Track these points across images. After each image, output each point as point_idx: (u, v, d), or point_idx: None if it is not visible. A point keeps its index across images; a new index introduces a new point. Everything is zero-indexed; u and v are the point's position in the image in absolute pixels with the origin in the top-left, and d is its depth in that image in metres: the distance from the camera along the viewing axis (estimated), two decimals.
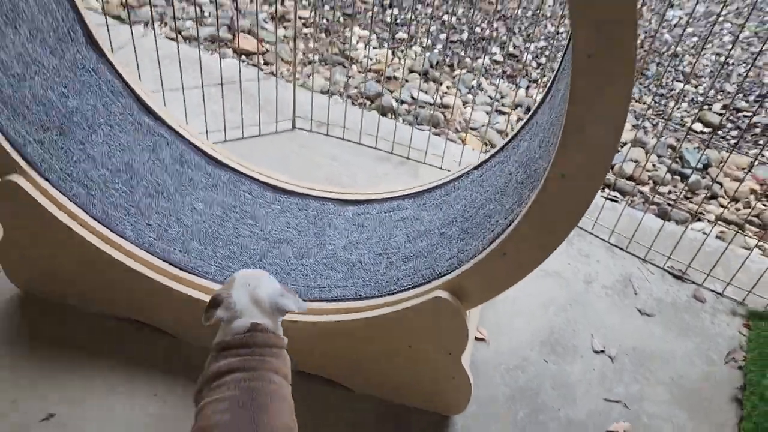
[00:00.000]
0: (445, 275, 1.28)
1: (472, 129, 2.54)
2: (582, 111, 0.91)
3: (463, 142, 2.36)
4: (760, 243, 2.19)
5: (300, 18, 3.06)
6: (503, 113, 2.68)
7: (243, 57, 2.72)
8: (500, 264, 1.17)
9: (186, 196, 1.61)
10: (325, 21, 2.94)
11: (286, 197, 1.71)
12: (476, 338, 1.63)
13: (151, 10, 1.93)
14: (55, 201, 1.38)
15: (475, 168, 1.57)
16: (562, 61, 1.30)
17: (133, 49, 1.93)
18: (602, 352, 1.69)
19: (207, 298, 1.35)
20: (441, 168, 2.18)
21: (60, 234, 1.39)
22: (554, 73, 1.34)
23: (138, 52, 1.99)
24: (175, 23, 2.12)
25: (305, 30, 2.98)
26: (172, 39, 2.66)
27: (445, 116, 2.59)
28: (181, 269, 1.46)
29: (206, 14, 2.96)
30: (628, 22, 0.83)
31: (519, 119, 2.66)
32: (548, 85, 1.37)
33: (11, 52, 1.36)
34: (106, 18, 2.02)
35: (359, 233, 1.60)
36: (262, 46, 2.80)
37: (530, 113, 1.43)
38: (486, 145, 2.44)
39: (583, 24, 0.84)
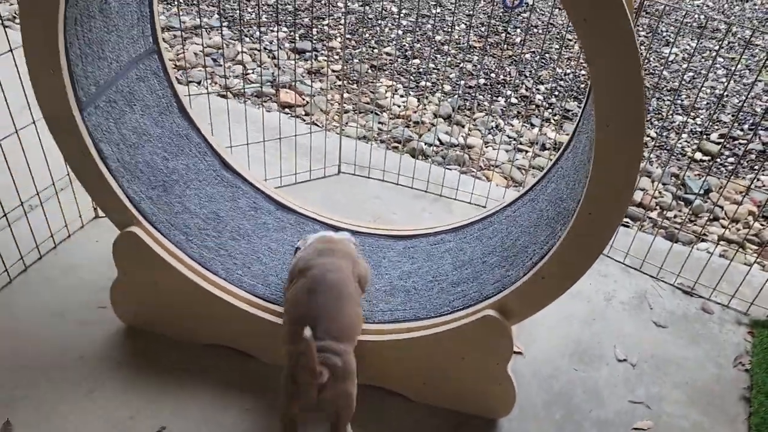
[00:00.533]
0: (492, 297, 1.55)
1: (495, 167, 2.83)
2: (602, 167, 1.20)
3: (488, 179, 2.64)
4: (759, 259, 2.44)
5: (333, 71, 3.39)
6: (522, 151, 2.97)
7: (286, 109, 3.04)
8: (540, 286, 1.44)
9: (262, 237, 1.90)
10: (355, 73, 3.26)
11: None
12: (514, 352, 1.88)
13: (205, 69, 2.25)
14: (164, 247, 1.67)
15: (509, 205, 1.85)
16: (581, 116, 1.59)
17: (190, 105, 2.24)
18: (624, 360, 1.94)
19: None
20: (471, 203, 2.46)
21: (167, 274, 1.67)
22: (575, 125, 1.63)
23: (196, 108, 2.31)
24: (225, 80, 2.44)
25: (338, 82, 3.30)
26: (222, 96, 2.99)
27: (469, 156, 2.89)
28: (264, 300, 1.73)
29: (250, 71, 3.29)
30: (637, 101, 1.11)
31: (536, 156, 2.95)
32: (570, 134, 1.66)
33: (129, 126, 1.66)
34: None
35: (411, 264, 1.87)
36: (302, 99, 3.11)
37: (555, 159, 1.72)
38: (509, 181, 2.73)
39: (602, 105, 1.13)
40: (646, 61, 3.84)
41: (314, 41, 3.70)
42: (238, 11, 3.90)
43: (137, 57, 1.71)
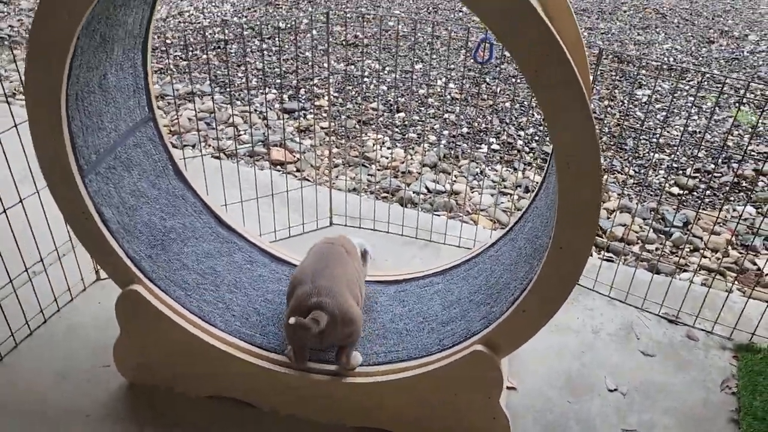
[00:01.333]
0: (478, 333, 1.63)
1: (482, 210, 2.94)
2: (567, 204, 1.30)
3: (474, 222, 2.75)
4: (739, 285, 2.52)
5: (321, 128, 3.54)
6: (506, 194, 3.09)
7: (278, 167, 3.16)
8: (522, 319, 1.52)
9: (258, 289, 1.98)
10: (343, 129, 3.41)
11: None
12: (507, 387, 1.94)
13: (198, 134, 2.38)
14: (165, 302, 1.75)
15: (491, 246, 1.95)
16: (550, 158, 1.71)
17: (185, 167, 2.36)
18: (615, 390, 1.99)
19: (286, 370, 1.71)
20: (459, 246, 2.55)
21: (167, 328, 1.74)
22: (547, 164, 1.75)
23: (192, 170, 2.42)
24: (218, 143, 2.57)
25: (327, 138, 3.45)
26: (216, 157, 3.12)
27: (456, 201, 3.00)
28: (263, 349, 1.80)
29: (241, 132, 3.44)
30: (592, 147, 1.23)
31: (520, 198, 3.06)
32: (543, 174, 1.78)
33: (127, 190, 1.77)
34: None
35: (402, 307, 1.95)
36: (293, 156, 3.25)
37: (531, 199, 1.83)
38: (495, 223, 2.83)
39: (561, 147, 1.25)
40: (621, 103, 4.02)
41: (302, 101, 3.87)
42: (227, 77, 4.09)
43: (134, 126, 1.83)
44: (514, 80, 4.17)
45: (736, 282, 2.55)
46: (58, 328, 2.10)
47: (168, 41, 4.56)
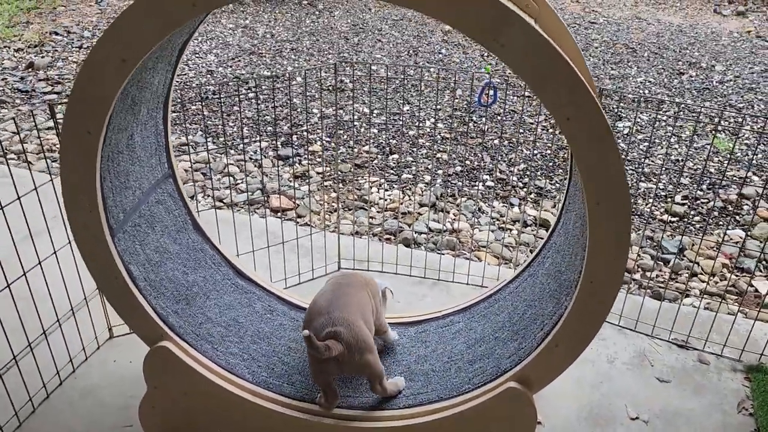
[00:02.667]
0: (509, 370, 1.66)
1: (483, 247, 3.00)
2: (597, 240, 1.36)
3: (479, 259, 2.80)
4: (741, 308, 2.61)
5: (318, 173, 3.59)
6: (506, 229, 3.16)
7: (278, 214, 3.19)
8: (555, 354, 1.56)
9: (281, 338, 1.98)
10: (339, 173, 3.47)
11: None
12: None
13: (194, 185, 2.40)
14: (195, 358, 1.74)
15: (510, 282, 1.99)
16: (566, 196, 1.78)
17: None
18: (637, 418, 2.03)
19: (317, 419, 1.71)
20: (468, 284, 2.59)
21: (197, 383, 1.74)
22: (561, 205, 1.82)
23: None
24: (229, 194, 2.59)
25: (325, 183, 3.49)
26: (219, 208, 3.13)
27: (459, 239, 3.05)
28: (292, 398, 1.80)
29: (238, 181, 3.47)
30: (620, 183, 1.29)
31: (520, 233, 3.13)
32: (559, 212, 1.84)
33: (152, 247, 1.78)
34: None
35: (425, 348, 1.98)
36: (293, 203, 3.28)
37: (547, 236, 1.89)
38: (500, 258, 2.89)
39: (591, 187, 1.31)
40: None
41: (296, 147, 3.92)
42: (220, 127, 4.13)
43: (155, 183, 1.86)
44: (499, 118, 4.29)
45: (739, 305, 2.63)
46: (74, 390, 2.06)
47: None
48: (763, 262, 3.00)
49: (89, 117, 1.40)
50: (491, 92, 2.12)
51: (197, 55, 5.57)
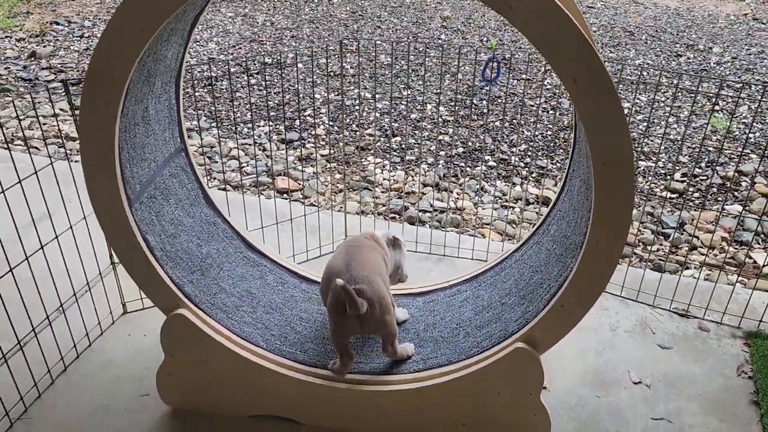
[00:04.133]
0: (516, 332, 1.71)
1: (487, 224, 3.05)
2: (603, 199, 1.41)
3: (483, 236, 2.85)
4: (740, 278, 2.66)
5: (322, 156, 3.63)
6: (508, 207, 3.21)
7: (284, 195, 3.24)
8: (561, 314, 1.61)
9: (293, 309, 2.04)
10: (344, 155, 3.51)
11: None
12: None
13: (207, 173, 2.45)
14: (210, 326, 1.80)
15: (516, 251, 2.04)
16: (570, 164, 1.82)
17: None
18: (639, 382, 2.09)
19: (329, 383, 1.77)
20: (473, 259, 2.64)
21: (213, 350, 1.79)
22: (566, 170, 1.86)
23: None
24: (243, 176, 2.63)
25: (329, 165, 3.54)
26: (222, 189, 3.18)
27: (463, 217, 3.10)
28: (305, 365, 1.85)
29: (244, 164, 3.51)
30: (625, 142, 1.34)
31: (523, 210, 3.18)
32: (563, 179, 1.89)
33: (167, 218, 1.83)
34: None
35: (433, 316, 2.03)
36: (298, 184, 3.33)
37: (552, 203, 1.93)
38: (503, 235, 2.94)
39: (597, 146, 1.36)
40: None
41: (300, 131, 3.97)
42: (229, 112, 4.17)
43: (169, 156, 1.90)
44: (500, 100, 4.34)
45: (738, 275, 2.69)
46: (91, 363, 2.12)
47: None
48: (761, 235, 3.05)
49: (108, 87, 1.45)
50: (495, 66, 2.16)
51: (198, 43, 5.59)
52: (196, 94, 4.42)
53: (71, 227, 2.05)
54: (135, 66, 1.44)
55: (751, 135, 3.48)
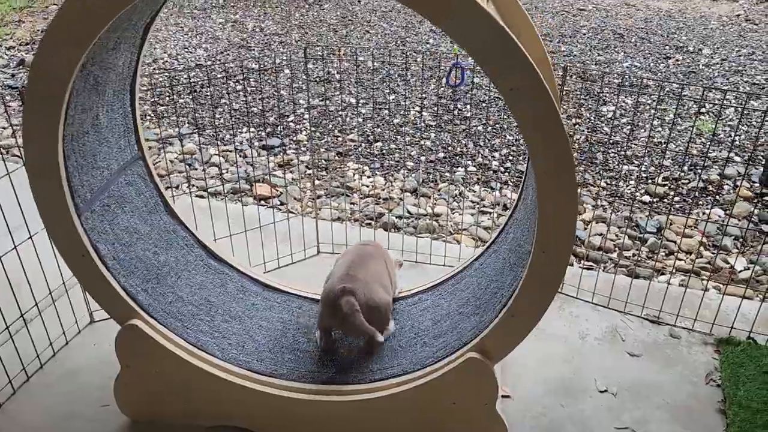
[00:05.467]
0: (470, 342, 1.69)
1: (463, 230, 3.03)
2: (547, 209, 1.39)
3: (457, 242, 2.83)
4: (714, 283, 2.63)
5: (302, 162, 3.62)
6: (485, 213, 3.19)
7: (262, 201, 3.23)
8: (512, 323, 1.59)
9: (252, 317, 2.02)
10: (323, 161, 3.50)
11: None
12: (502, 396, 2.00)
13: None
14: (164, 335, 1.78)
15: (476, 259, 2.02)
16: (526, 172, 1.81)
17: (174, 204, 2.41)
18: (605, 390, 2.06)
19: (284, 393, 1.75)
20: (444, 265, 2.62)
21: (167, 360, 1.77)
22: (523, 178, 1.84)
23: (180, 209, 2.47)
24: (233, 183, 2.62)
25: (308, 171, 3.53)
26: (200, 196, 3.17)
27: (438, 223, 3.09)
28: (260, 374, 1.83)
29: (224, 171, 3.50)
30: (565, 153, 1.33)
31: (500, 216, 3.16)
32: (520, 188, 1.87)
33: (122, 227, 1.82)
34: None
35: (394, 325, 2.01)
36: (276, 191, 3.32)
37: (511, 211, 1.92)
38: (477, 241, 2.92)
39: (537, 159, 1.34)
40: (588, 120, 4.18)
41: (281, 137, 3.96)
42: (210, 119, 4.17)
43: (125, 164, 1.89)
44: (484, 104, 4.32)
45: (711, 280, 2.66)
46: (54, 372, 2.11)
47: (144, 87, 4.64)
48: (740, 239, 3.02)
49: (48, 96, 1.44)
50: (459, 73, 2.15)
51: (186, 50, 5.60)
52: (181, 100, 4.43)
53: (30, 237, 2.04)
54: (75, 75, 1.43)
55: (735, 138, 3.45)
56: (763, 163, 3.33)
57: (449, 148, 3.79)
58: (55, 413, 1.94)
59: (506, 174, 3.57)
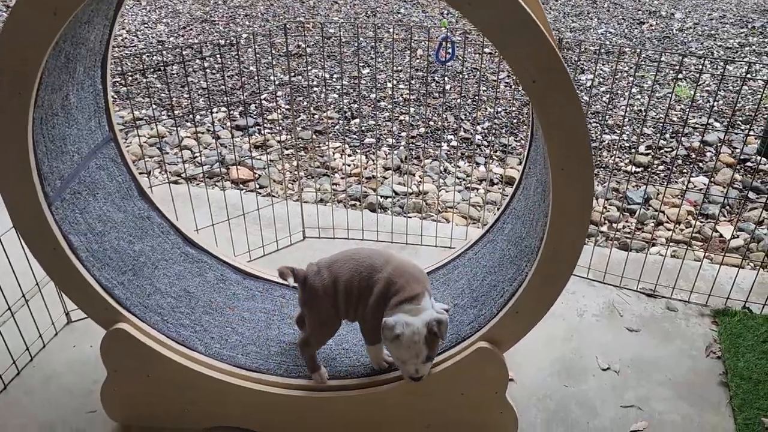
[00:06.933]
0: (469, 337, 1.63)
1: (451, 208, 2.96)
2: (561, 206, 1.34)
3: (447, 220, 2.76)
4: (707, 254, 2.63)
5: (279, 142, 3.49)
6: (473, 189, 3.12)
7: (241, 185, 3.10)
8: (515, 319, 1.54)
9: (234, 308, 1.91)
10: (301, 140, 3.37)
11: None
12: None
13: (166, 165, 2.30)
14: (154, 338, 1.67)
15: (469, 248, 1.95)
16: (526, 162, 1.73)
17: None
18: (608, 368, 2.04)
19: (275, 390, 1.67)
20: (436, 246, 2.56)
21: (159, 365, 1.67)
22: (521, 172, 1.77)
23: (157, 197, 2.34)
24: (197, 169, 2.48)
25: (286, 152, 3.40)
26: (173, 182, 3.02)
27: (425, 202, 3.01)
28: (246, 370, 1.73)
29: (196, 154, 3.35)
30: (585, 149, 1.26)
31: (487, 191, 3.10)
32: (518, 179, 1.80)
33: (94, 215, 1.68)
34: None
35: None
36: (254, 173, 3.18)
37: (507, 202, 1.85)
38: (467, 219, 2.85)
39: (555, 153, 1.27)
40: None
41: (254, 116, 3.80)
42: (178, 99, 3.98)
43: (96, 147, 1.74)
44: (461, 76, 4.22)
45: (704, 251, 2.65)
46: (34, 378, 1.98)
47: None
48: (727, 207, 3.02)
49: (18, 77, 1.29)
50: (449, 47, 2.05)
51: (146, 26, 5.33)
52: (145, 80, 4.21)
53: None
54: (48, 53, 1.28)
55: (714, 103, 3.44)
56: (761, 135, 3.33)
57: (429, 122, 3.69)
58: (38, 422, 1.83)
59: (490, 148, 3.50)
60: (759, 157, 3.33)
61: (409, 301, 1.51)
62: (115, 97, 4.05)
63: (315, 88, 4.12)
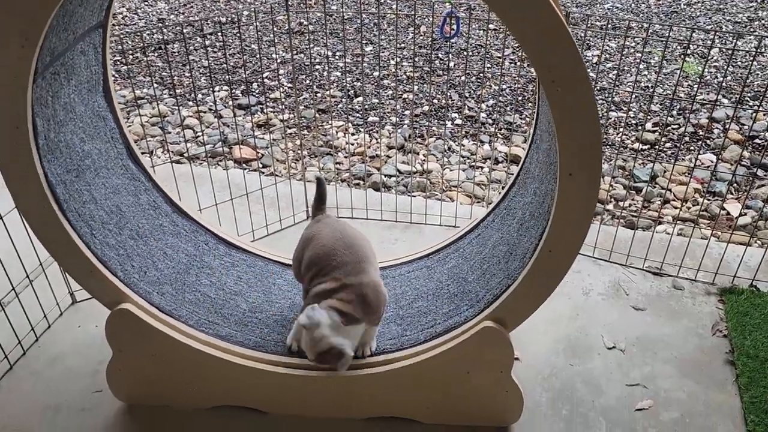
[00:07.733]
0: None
1: (455, 187, 2.94)
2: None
3: (451, 199, 2.74)
4: (714, 232, 2.61)
5: (282, 121, 3.46)
6: (477, 167, 3.09)
7: (244, 165, 3.08)
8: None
9: (158, 240, 1.86)
10: (304, 119, 3.34)
11: (236, 252, 2.01)
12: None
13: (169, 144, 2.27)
14: (158, 318, 1.67)
15: (475, 227, 1.95)
16: (522, 165, 1.72)
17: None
18: (614, 347, 2.03)
19: (278, 369, 1.68)
20: (441, 225, 2.54)
21: (165, 345, 1.67)
22: (516, 172, 1.76)
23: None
24: (200, 148, 2.46)
25: (289, 131, 3.37)
26: (176, 162, 3.00)
27: (430, 180, 2.98)
28: (160, 310, 1.70)
29: (199, 133, 3.32)
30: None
31: (491, 170, 3.07)
32: (513, 179, 1.79)
33: (61, 102, 1.63)
34: None
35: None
36: (257, 153, 3.16)
37: (506, 190, 1.84)
38: (472, 198, 2.83)
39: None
40: None
41: (257, 95, 3.77)
42: (180, 78, 3.94)
43: (89, 29, 1.70)
44: (465, 53, 4.17)
45: (711, 229, 2.63)
46: (39, 359, 1.99)
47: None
48: (734, 185, 2.99)
49: None
50: (453, 23, 2.00)
51: (146, 3, 5.27)
52: (146, 59, 4.17)
53: (1, 218, 1.88)
54: None
55: (723, 80, 3.38)
56: None
57: (433, 100, 3.65)
58: (44, 403, 1.84)
59: (495, 126, 3.47)
60: None
61: (344, 316, 1.55)
62: (116, 75, 4.01)
63: (318, 66, 4.08)
